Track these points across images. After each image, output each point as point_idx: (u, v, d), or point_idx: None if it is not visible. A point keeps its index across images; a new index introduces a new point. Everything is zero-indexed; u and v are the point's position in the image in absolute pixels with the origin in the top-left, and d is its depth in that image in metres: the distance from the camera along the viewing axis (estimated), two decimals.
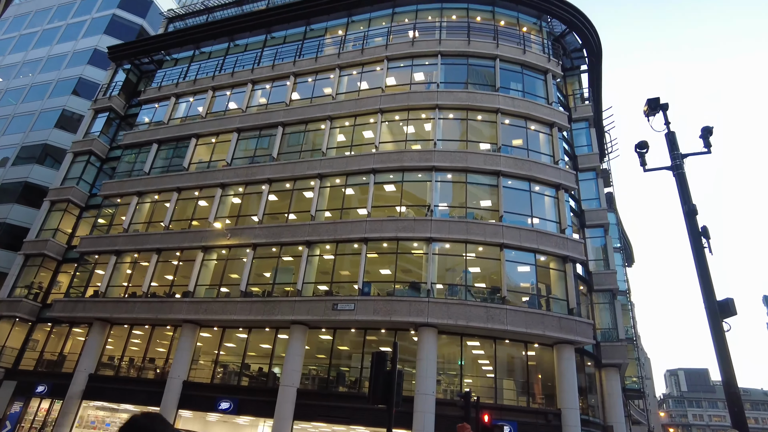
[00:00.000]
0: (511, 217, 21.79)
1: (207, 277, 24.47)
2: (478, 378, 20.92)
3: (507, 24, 27.78)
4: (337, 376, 21.11)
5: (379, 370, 10.11)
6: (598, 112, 32.15)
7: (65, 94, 38.73)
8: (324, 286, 22.32)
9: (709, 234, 10.54)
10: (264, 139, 27.24)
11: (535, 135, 24.47)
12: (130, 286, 25.73)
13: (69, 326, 27.31)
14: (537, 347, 20.75)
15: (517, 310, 19.48)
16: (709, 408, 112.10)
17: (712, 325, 9.43)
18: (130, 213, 27.47)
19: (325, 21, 30.41)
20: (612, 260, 27.07)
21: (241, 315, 21.83)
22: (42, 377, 25.97)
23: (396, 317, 19.49)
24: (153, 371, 24.18)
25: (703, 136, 11.60)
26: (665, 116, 11.89)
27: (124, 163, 30.65)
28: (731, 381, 9.06)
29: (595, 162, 28.19)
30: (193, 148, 28.42)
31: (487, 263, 21.55)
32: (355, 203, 24.11)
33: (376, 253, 22.29)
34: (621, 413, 23.87)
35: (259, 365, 22.66)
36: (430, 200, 22.30)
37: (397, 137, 25.07)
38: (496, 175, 22.47)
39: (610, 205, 33.63)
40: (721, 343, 9.27)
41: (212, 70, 31.27)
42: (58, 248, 29.73)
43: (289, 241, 23.15)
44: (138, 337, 25.52)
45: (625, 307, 32.00)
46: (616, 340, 24.92)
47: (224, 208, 25.97)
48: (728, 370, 9.13)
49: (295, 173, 24.71)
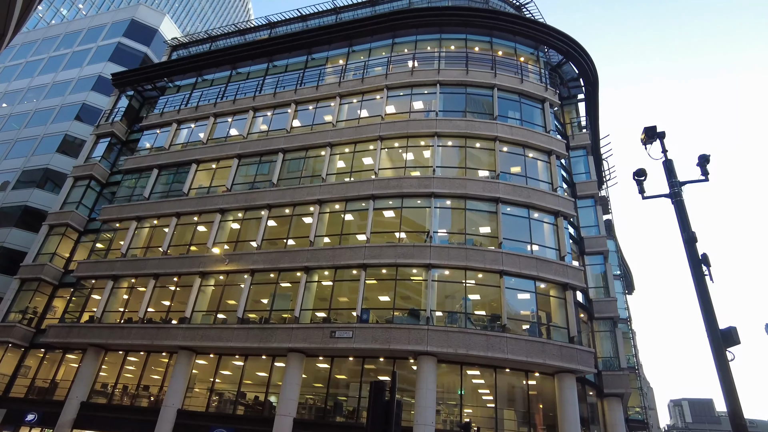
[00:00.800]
0: (511, 244, 21.75)
1: (204, 303, 24.23)
2: (478, 408, 20.50)
3: (505, 54, 28.34)
4: (334, 406, 20.68)
5: (378, 401, 9.88)
6: (595, 140, 32.49)
7: (68, 120, 39.15)
8: (322, 312, 22.09)
9: (710, 261, 10.49)
10: (264, 165, 27.41)
11: (533, 162, 24.66)
12: (126, 312, 25.45)
13: (62, 352, 26.87)
14: (538, 376, 20.40)
15: (518, 339, 19.24)
16: None
17: (716, 355, 9.31)
18: (128, 237, 27.40)
19: (327, 51, 31.03)
20: (612, 288, 26.89)
21: (238, 342, 21.53)
22: (32, 405, 25.40)
23: (395, 345, 19.22)
24: (147, 399, 23.68)
25: (700, 164, 11.69)
26: (662, 144, 12.00)
27: (124, 187, 30.75)
28: (737, 412, 8.89)
29: (594, 189, 28.33)
30: (194, 174, 28.56)
31: (486, 290, 21.40)
32: (354, 229, 24.09)
33: (375, 280, 22.16)
34: None
35: (255, 394, 22.22)
36: (429, 226, 22.30)
37: (397, 164, 25.25)
38: (495, 202, 22.53)
39: (610, 233, 33.63)
40: (726, 373, 9.12)
41: (214, 97, 31.71)
42: (54, 273, 29.52)
43: (288, 267, 23.02)
44: (133, 363, 25.09)
45: (627, 336, 31.61)
46: (618, 369, 24.55)
47: (223, 233, 25.93)
48: (734, 401, 8.97)
49: (294, 199, 24.78)
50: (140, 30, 44.15)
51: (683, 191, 11.50)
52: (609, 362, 25.02)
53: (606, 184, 35.27)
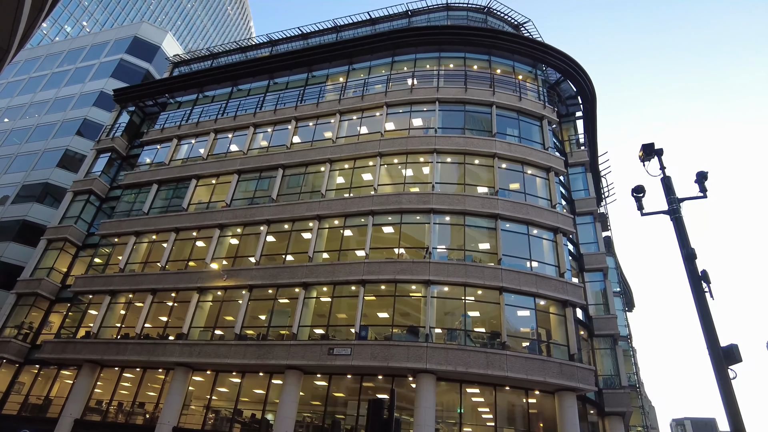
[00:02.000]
0: (510, 261, 21.72)
1: (201, 319, 24.07)
2: (477, 427, 20.23)
3: (503, 72, 28.67)
4: (332, 424, 20.37)
5: (376, 419, 9.79)
6: (593, 157, 32.68)
7: (69, 135, 39.35)
8: (320, 329, 21.93)
9: (710, 278, 10.48)
10: (264, 181, 27.50)
11: (532, 179, 24.76)
12: (123, 327, 25.26)
13: (57, 368, 26.59)
14: (538, 394, 20.18)
15: (518, 356, 19.08)
16: None
17: (718, 373, 9.23)
18: (127, 253, 27.32)
19: (327, 68, 31.38)
20: (612, 305, 26.78)
21: (235, 358, 21.32)
22: (26, 422, 25.01)
23: (393, 363, 19.04)
24: (142, 416, 23.35)
25: (698, 181, 11.75)
26: (660, 161, 12.08)
27: (124, 202, 30.78)
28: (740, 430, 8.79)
29: (593, 206, 28.40)
30: (193, 189, 28.62)
31: (486, 307, 21.29)
32: (353, 245, 24.07)
33: (373, 296, 22.06)
34: None
35: (252, 411, 21.91)
36: (428, 242, 22.28)
37: (396, 180, 25.34)
38: (494, 218, 22.57)
39: (609, 249, 33.62)
40: (728, 391, 9.04)
41: (215, 113, 31.95)
42: (51, 287, 29.36)
43: (286, 283, 22.93)
44: (128, 380, 24.80)
45: (627, 353, 31.39)
46: (619, 387, 24.32)
47: (222, 248, 25.88)
48: (736, 420, 8.87)
49: (294, 214, 24.81)
50: (143, 47, 44.66)
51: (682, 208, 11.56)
52: (610, 380, 24.79)
53: (605, 200, 35.35)
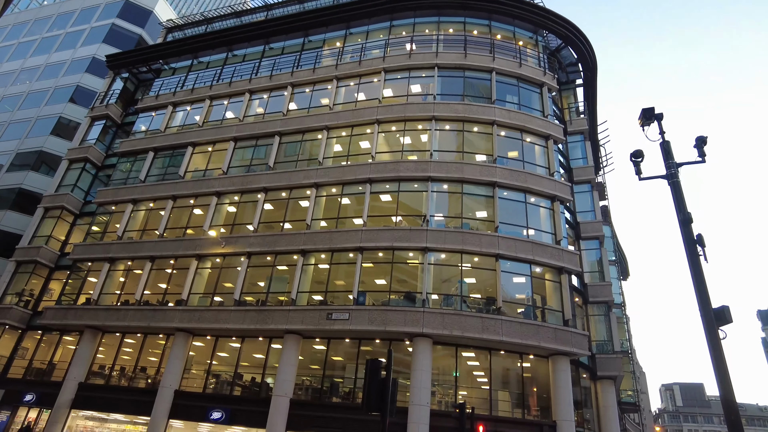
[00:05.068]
0: (507, 228, 21.82)
1: (201, 285, 24.29)
2: (473, 389, 20.73)
3: (503, 38, 28.11)
4: (330, 387, 20.89)
5: (374, 378, 10.00)
6: (593, 125, 32.44)
7: (62, 102, 38.74)
8: (318, 295, 22.19)
9: (704, 242, 10.58)
10: (261, 149, 27.28)
11: (530, 147, 24.63)
12: (122, 294, 25.49)
13: (59, 334, 26.95)
14: (532, 359, 20.63)
15: (513, 321, 19.41)
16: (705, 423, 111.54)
17: (708, 333, 9.42)
18: (124, 220, 27.32)
19: (324, 33, 30.68)
20: (607, 272, 27.08)
21: (235, 324, 21.63)
22: (30, 386, 25.53)
23: (391, 327, 19.36)
24: (144, 380, 23.84)
25: (697, 145, 11.71)
26: (660, 126, 12.01)
27: (120, 170, 30.58)
28: (727, 388, 9.02)
29: (590, 175, 28.38)
30: (190, 157, 28.41)
31: (482, 274, 21.51)
32: (351, 213, 24.09)
33: (371, 263, 22.22)
34: (616, 426, 23.69)
35: (252, 375, 22.39)
36: (425, 210, 22.30)
37: (394, 148, 25.17)
38: (491, 186, 22.55)
39: (605, 218, 33.79)
40: (717, 351, 9.24)
41: (210, 79, 31.41)
42: (50, 255, 29.46)
43: (284, 250, 23.05)
44: (130, 345, 25.20)
45: (621, 320, 31.95)
46: (612, 353, 24.83)
47: (219, 216, 25.89)
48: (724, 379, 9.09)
49: (291, 182, 24.72)
50: (135, 11, 43.51)
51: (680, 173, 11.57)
52: (603, 346, 25.30)
53: (603, 170, 35.29)
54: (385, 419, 9.61)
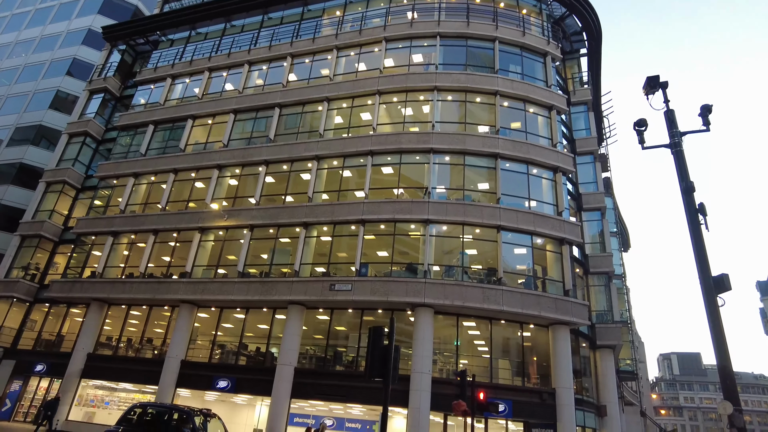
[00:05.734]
0: (509, 200, 21.83)
1: (204, 258, 24.50)
2: (473, 358, 21.13)
3: (506, 6, 27.50)
4: (334, 356, 21.30)
5: (376, 345, 10.18)
6: (596, 96, 32.05)
7: (59, 75, 38.29)
8: (321, 267, 22.39)
9: (706, 211, 10.62)
10: (261, 121, 27.08)
11: (533, 118, 24.40)
12: (127, 267, 25.75)
13: (66, 306, 27.39)
14: (532, 328, 20.94)
15: (513, 291, 19.63)
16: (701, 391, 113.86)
17: (707, 300, 9.55)
18: (126, 194, 27.38)
19: (323, 1, 30.03)
20: (608, 244, 27.22)
21: (239, 295, 21.92)
22: (40, 356, 26.11)
23: (393, 297, 19.61)
24: (151, 351, 24.32)
25: (702, 114, 11.63)
26: (665, 94, 11.90)
27: (120, 144, 30.47)
28: (724, 355, 9.20)
29: (593, 146, 28.20)
30: (190, 130, 28.24)
31: (483, 245, 21.63)
32: (352, 185, 24.08)
33: (373, 235, 22.34)
34: (614, 394, 24.22)
35: (256, 345, 22.81)
36: (427, 183, 22.28)
37: (395, 119, 24.96)
38: (494, 158, 22.45)
39: (608, 190, 33.72)
40: (716, 318, 9.38)
41: (209, 50, 30.93)
42: (54, 229, 29.66)
43: (287, 223, 23.15)
44: (136, 317, 25.61)
45: (621, 291, 32.28)
46: (611, 322, 25.18)
47: (221, 189, 25.91)
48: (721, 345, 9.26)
49: (292, 155, 24.63)
50: None
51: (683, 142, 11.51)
52: (602, 316, 25.63)
53: (606, 141, 35.05)
54: (387, 385, 9.83)
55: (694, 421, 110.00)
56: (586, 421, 21.37)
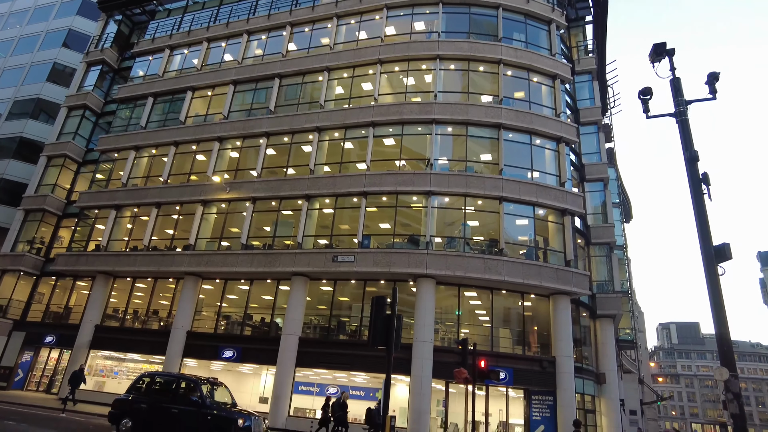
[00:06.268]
0: (511, 171, 21.74)
1: (207, 230, 24.63)
2: (475, 327, 21.44)
3: None
4: (337, 325, 21.64)
5: (379, 314, 10.33)
6: (601, 65, 31.44)
7: (55, 47, 37.68)
8: (324, 239, 22.51)
9: (709, 180, 10.56)
10: (261, 92, 26.77)
11: (537, 87, 24.06)
12: (131, 240, 25.94)
13: (73, 279, 27.72)
14: (533, 298, 21.17)
15: (515, 262, 19.76)
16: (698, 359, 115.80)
17: (707, 269, 9.59)
18: (128, 167, 27.34)
19: None
20: (610, 214, 27.21)
21: (243, 267, 22.13)
22: (49, 328, 26.59)
23: (395, 268, 19.78)
24: (157, 322, 24.73)
25: (708, 82, 11.43)
26: (671, 62, 11.68)
27: (120, 117, 30.26)
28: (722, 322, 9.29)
29: (597, 116, 27.85)
30: (189, 102, 27.97)
31: (485, 216, 21.66)
32: (354, 157, 23.96)
33: (375, 207, 22.38)
34: (613, 362, 24.65)
35: (261, 316, 23.16)
36: (429, 154, 22.16)
37: (397, 89, 24.64)
38: (497, 128, 22.24)
39: (611, 161, 33.47)
40: (715, 286, 9.44)
41: (207, 20, 30.33)
42: (57, 203, 29.76)
43: (289, 195, 23.17)
44: (141, 290, 25.94)
45: (622, 262, 32.43)
46: (612, 292, 25.40)
47: (222, 162, 25.83)
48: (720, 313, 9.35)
49: (293, 126, 24.43)
50: None
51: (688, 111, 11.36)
52: (603, 286, 25.84)
53: (610, 111, 34.59)
54: (390, 353, 10.02)
55: (691, 388, 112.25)
56: (586, 388, 21.82)
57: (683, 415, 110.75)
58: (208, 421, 12.18)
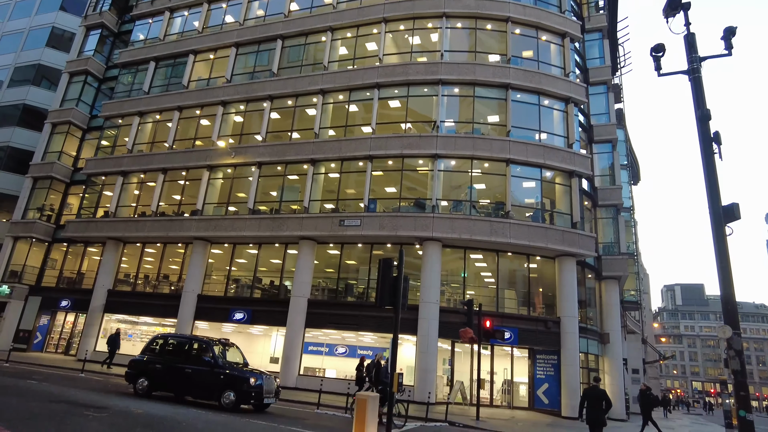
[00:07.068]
0: (519, 132, 21.47)
1: (214, 195, 24.74)
2: (480, 289, 21.70)
3: None
4: (345, 288, 21.98)
5: (386, 276, 10.46)
6: (612, 22, 30.44)
7: (53, 10, 36.87)
8: (330, 204, 22.57)
9: (721, 140, 10.39)
10: (263, 54, 26.29)
11: (546, 46, 23.44)
12: (139, 206, 26.16)
13: (84, 246, 28.12)
14: (539, 260, 21.30)
15: (521, 224, 19.78)
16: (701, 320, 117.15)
17: (715, 228, 9.56)
18: (132, 133, 27.25)
19: None
20: (618, 176, 26.96)
21: (250, 231, 22.33)
22: (64, 293, 27.19)
23: (401, 232, 19.89)
24: (168, 286, 25.21)
25: (725, 37, 11.08)
26: (686, 16, 11.29)
27: (122, 83, 29.95)
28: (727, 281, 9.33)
29: (607, 75, 27.20)
30: (192, 65, 27.56)
31: (492, 179, 21.57)
32: (359, 120, 23.69)
33: (381, 171, 22.30)
34: (618, 323, 24.96)
35: (270, 279, 23.53)
36: (435, 116, 21.87)
37: (402, 49, 24.10)
38: (504, 88, 21.82)
39: (620, 122, 32.89)
40: (722, 246, 9.43)
41: None
42: (64, 171, 29.88)
43: (294, 160, 23.09)
44: (151, 255, 26.32)
45: (628, 224, 32.35)
46: (618, 254, 25.48)
47: (227, 126, 25.66)
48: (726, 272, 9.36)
49: (296, 89, 24.09)
50: None
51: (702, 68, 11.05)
52: (609, 247, 25.89)
53: (620, 70, 33.72)
54: (397, 313, 10.20)
55: (693, 348, 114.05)
56: (589, 348, 22.21)
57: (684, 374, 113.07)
58: (221, 380, 12.56)
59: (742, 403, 8.45)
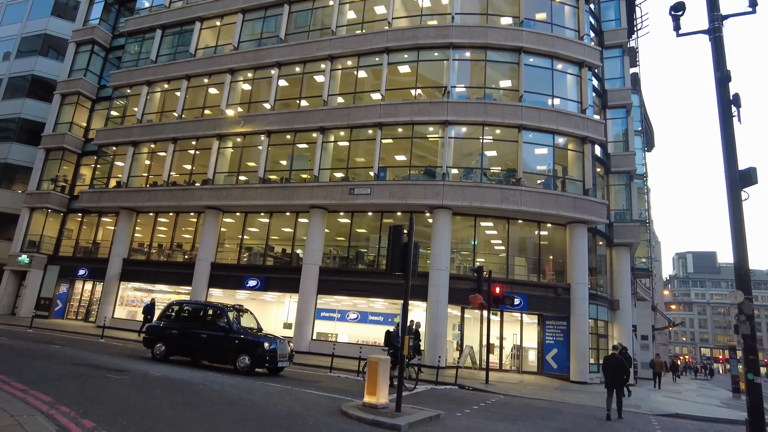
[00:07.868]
0: (531, 98, 21.05)
1: (225, 165, 24.81)
2: (490, 256, 21.76)
3: None
4: (356, 256, 22.18)
5: (396, 242, 10.51)
6: None
7: None
8: (340, 172, 22.53)
9: (740, 102, 10.10)
10: (270, 20, 25.80)
11: (560, 7, 22.70)
12: (150, 176, 26.34)
13: (98, 216, 28.55)
14: (550, 227, 21.23)
15: (532, 191, 19.63)
16: (712, 287, 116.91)
17: (731, 192, 9.41)
18: (141, 103, 27.21)
19: None
20: (632, 142, 26.49)
21: (262, 200, 22.46)
22: (81, 262, 27.80)
23: (411, 200, 19.88)
24: (182, 255, 25.62)
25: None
26: None
27: (129, 52, 29.69)
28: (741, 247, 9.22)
29: (623, 38, 26.34)
30: (198, 33, 27.18)
31: (504, 146, 21.31)
32: (368, 87, 23.36)
33: (390, 139, 22.11)
34: (628, 289, 24.99)
35: (282, 247, 23.79)
36: (446, 82, 21.46)
37: (412, 12, 23.51)
38: (517, 52, 21.28)
39: (635, 86, 32.10)
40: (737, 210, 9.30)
41: None
42: (76, 141, 30.05)
43: (303, 128, 22.96)
44: (164, 224, 26.68)
45: (641, 191, 31.96)
46: (629, 221, 25.29)
47: (235, 95, 25.47)
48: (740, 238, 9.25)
49: (304, 55, 23.72)
50: None
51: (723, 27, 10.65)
52: (621, 214, 25.69)
53: (637, 33, 32.62)
54: (408, 279, 10.29)
55: (703, 315, 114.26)
56: (599, 314, 22.32)
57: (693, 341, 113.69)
58: (236, 345, 12.90)
59: (750, 366, 8.50)
